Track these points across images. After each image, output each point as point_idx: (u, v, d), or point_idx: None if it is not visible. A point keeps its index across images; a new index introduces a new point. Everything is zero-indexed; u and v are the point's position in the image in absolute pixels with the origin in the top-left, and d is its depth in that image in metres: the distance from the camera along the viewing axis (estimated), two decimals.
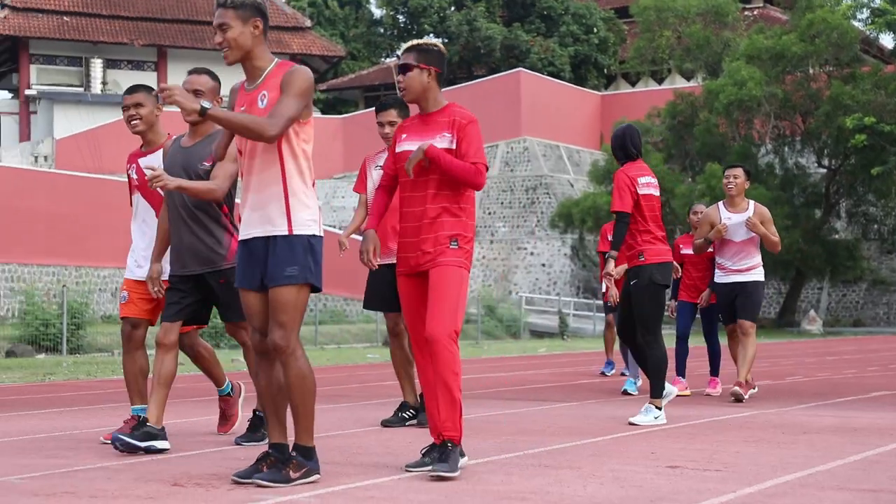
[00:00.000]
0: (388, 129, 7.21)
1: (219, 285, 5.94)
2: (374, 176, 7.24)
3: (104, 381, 12.76)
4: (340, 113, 50.94)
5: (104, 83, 45.67)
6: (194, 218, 5.91)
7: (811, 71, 36.69)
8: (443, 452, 5.01)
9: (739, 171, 9.17)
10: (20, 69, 45.84)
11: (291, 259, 4.72)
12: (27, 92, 45.08)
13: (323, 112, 51.09)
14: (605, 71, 50.87)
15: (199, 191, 5.71)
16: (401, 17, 50.06)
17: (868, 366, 15.46)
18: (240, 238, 4.89)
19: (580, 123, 45.73)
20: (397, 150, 5.34)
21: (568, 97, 45.77)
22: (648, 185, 7.30)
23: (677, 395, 8.89)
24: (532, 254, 40.79)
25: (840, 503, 4.42)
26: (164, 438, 5.81)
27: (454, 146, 5.21)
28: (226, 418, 6.71)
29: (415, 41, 5.40)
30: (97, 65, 45.45)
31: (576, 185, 42.32)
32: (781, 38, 35.80)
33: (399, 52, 5.28)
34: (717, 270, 9.23)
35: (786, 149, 37.74)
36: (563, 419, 7.70)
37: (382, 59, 57.70)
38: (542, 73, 46.37)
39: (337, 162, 45.57)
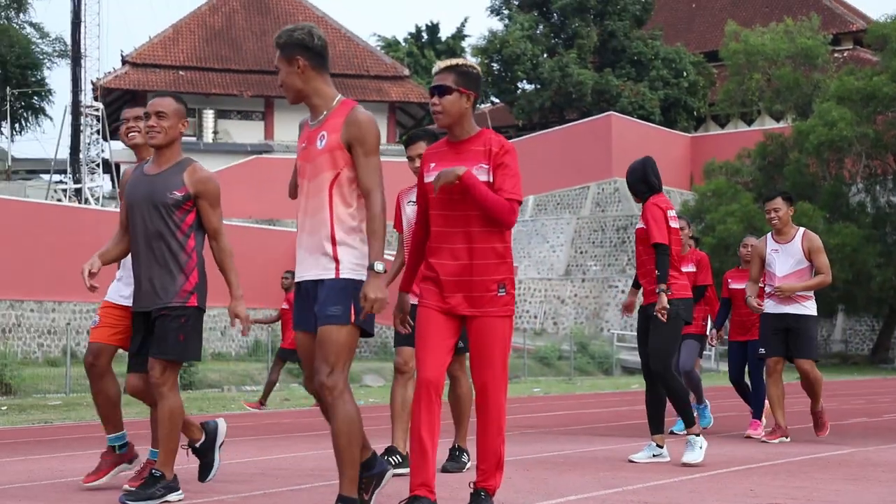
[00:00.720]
0: (418, 163, 6.41)
1: (159, 317, 5.35)
2: (408, 211, 6.68)
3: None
4: None
5: (215, 132, 46.80)
6: (151, 251, 5.39)
7: None
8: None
9: (779, 203, 8.57)
10: None
11: (336, 300, 4.49)
12: None
13: None
14: (695, 113, 50.38)
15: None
16: (495, 65, 50.29)
17: None
18: (296, 280, 4.72)
19: (670, 164, 45.24)
20: (426, 180, 4.82)
21: (658, 139, 45.38)
22: (674, 218, 7.10)
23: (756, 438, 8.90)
24: (623, 291, 40.36)
25: None
26: (177, 488, 5.36)
27: (490, 178, 4.71)
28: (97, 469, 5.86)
29: (453, 60, 4.92)
30: (209, 115, 46.61)
31: None
32: (872, 80, 35.09)
33: (434, 71, 4.90)
34: (766, 300, 8.59)
35: (877, 187, 36.85)
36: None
37: (477, 106, 57.95)
38: (633, 117, 46.11)
39: None
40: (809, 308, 8.48)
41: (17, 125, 51.92)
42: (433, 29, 63.24)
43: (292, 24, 4.86)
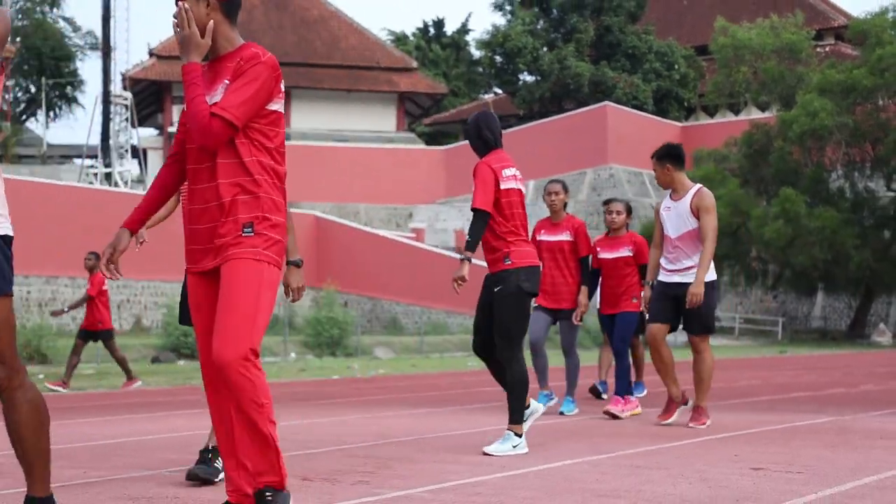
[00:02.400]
0: None
1: None
2: None
3: None
4: (442, 144, 51.22)
5: None
6: None
7: (880, 102, 35.72)
8: None
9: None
10: (164, 110, 47.18)
11: None
12: (170, 129, 46.36)
13: (427, 144, 51.42)
14: (686, 104, 50.22)
15: None
16: (497, 58, 50.11)
17: None
18: None
19: None
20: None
21: (650, 128, 45.25)
22: (513, 177, 5.78)
23: (633, 415, 7.98)
24: None
25: None
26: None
27: None
28: None
29: None
30: None
31: None
32: (852, 73, 34.93)
33: None
34: (660, 268, 7.27)
35: (856, 174, 36.75)
36: (649, 424, 7.58)
37: (480, 95, 57.85)
38: (627, 107, 46.00)
39: (440, 189, 45.77)
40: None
41: (51, 113, 51.95)
42: (439, 24, 62.99)
43: None
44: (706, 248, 6.89)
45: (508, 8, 51.98)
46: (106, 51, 41.87)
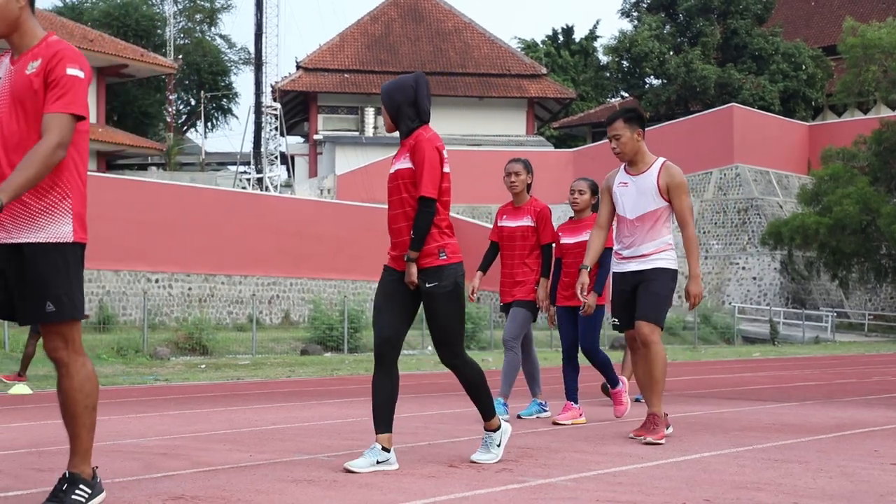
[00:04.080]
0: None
1: None
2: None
3: None
4: (571, 147, 50.82)
5: (375, 127, 47.44)
6: None
7: None
8: None
9: (619, 126, 5.93)
10: (310, 119, 48.30)
11: None
12: (315, 137, 47.46)
13: (556, 146, 51.11)
14: (813, 103, 48.49)
15: None
16: (624, 62, 49.43)
17: None
18: None
19: (788, 151, 43.76)
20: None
21: (777, 128, 43.89)
22: (445, 161, 4.73)
23: (573, 424, 6.70)
24: (744, 268, 39.27)
25: None
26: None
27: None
28: None
29: None
30: (370, 112, 47.28)
31: (784, 206, 40.52)
32: None
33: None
34: (613, 259, 6.00)
35: None
36: (785, 417, 7.34)
37: (608, 99, 57.16)
38: (754, 107, 44.71)
39: (568, 189, 45.39)
40: (663, 259, 5.74)
41: (209, 124, 53.83)
42: (568, 31, 62.53)
43: None
44: (689, 237, 5.68)
45: (635, 14, 51.22)
46: (258, 65, 43.13)
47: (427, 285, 4.63)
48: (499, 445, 4.87)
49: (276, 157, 44.17)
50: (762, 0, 48.79)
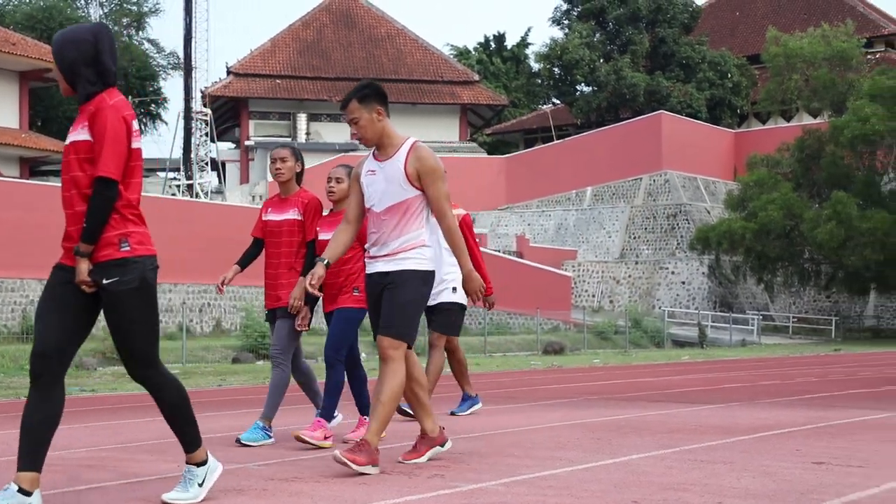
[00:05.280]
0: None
1: None
2: None
3: None
4: (504, 153, 51.18)
5: (308, 133, 47.22)
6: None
7: None
8: None
9: (354, 106, 4.85)
10: (241, 124, 47.89)
11: None
12: (246, 143, 47.04)
13: (488, 153, 51.42)
14: (738, 111, 49.60)
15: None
16: (556, 70, 49.97)
17: None
18: None
19: (715, 157, 44.65)
20: None
21: (704, 135, 44.77)
22: (138, 133, 3.87)
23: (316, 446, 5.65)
24: (673, 273, 39.94)
25: None
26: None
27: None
28: None
29: None
30: (302, 118, 47.07)
31: (712, 212, 41.33)
32: None
33: None
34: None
35: None
36: (711, 419, 7.48)
37: (539, 106, 57.72)
38: (681, 115, 45.53)
39: (501, 196, 45.75)
40: (412, 260, 4.84)
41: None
42: (500, 38, 63.03)
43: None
44: (449, 228, 4.91)
45: (566, 22, 51.82)
46: (187, 70, 42.62)
47: (105, 282, 3.72)
48: (201, 485, 3.97)
49: (207, 164, 43.68)
50: (689, 9, 49.78)
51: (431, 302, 6.81)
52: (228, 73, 47.68)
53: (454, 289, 7.04)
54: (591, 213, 44.03)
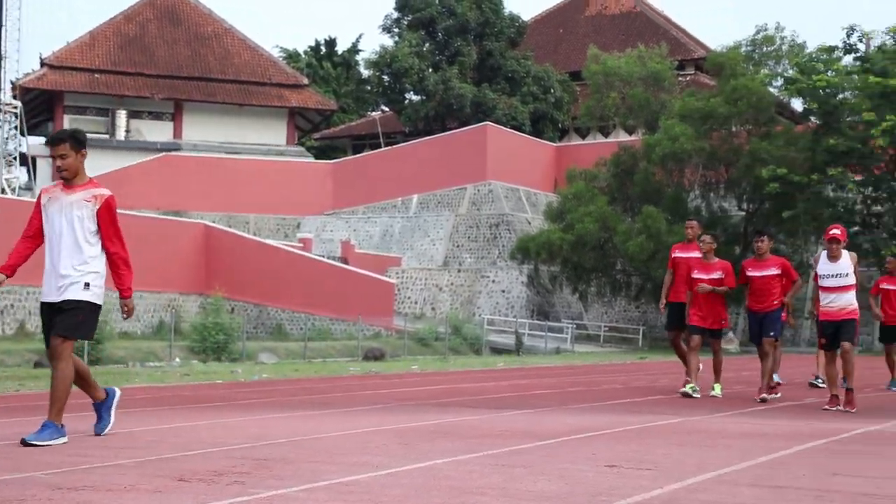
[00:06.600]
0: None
1: None
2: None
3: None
4: (331, 158, 50.96)
5: (127, 131, 45.53)
6: None
7: (734, 129, 37.16)
8: None
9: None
10: (55, 119, 45.65)
11: None
12: None
13: (316, 157, 51.08)
14: (560, 125, 51.26)
15: None
16: (385, 77, 50.20)
17: (790, 379, 15.48)
18: None
19: (537, 170, 45.96)
20: None
21: (527, 147, 46.00)
22: None
23: None
24: (494, 281, 40.80)
25: (750, 498, 4.44)
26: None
27: None
28: None
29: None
30: (122, 115, 45.37)
31: (533, 222, 42.48)
32: (709, 101, 36.24)
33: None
34: None
35: (711, 194, 38.12)
36: (519, 424, 7.68)
37: (369, 112, 57.83)
38: (506, 127, 46.62)
39: (327, 201, 45.53)
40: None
41: None
42: (331, 43, 62.78)
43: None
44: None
45: (396, 30, 52.16)
46: None
47: None
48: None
49: (16, 158, 41.44)
50: (515, 24, 51.09)
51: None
52: (42, 64, 45.39)
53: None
54: (416, 220, 44.43)
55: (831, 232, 9.11)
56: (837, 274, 9.04)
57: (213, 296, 27.48)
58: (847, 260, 9.08)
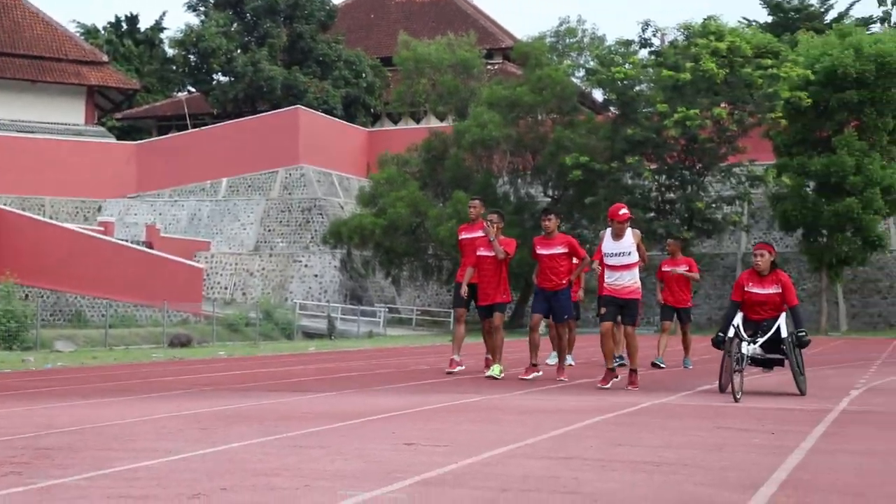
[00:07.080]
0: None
1: None
2: None
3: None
4: (135, 139, 49.01)
5: None
6: None
7: (539, 117, 38.21)
8: None
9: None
10: None
11: None
12: None
13: (118, 138, 49.00)
14: (372, 110, 51.29)
15: None
16: (191, 57, 48.70)
17: (587, 358, 16.09)
18: None
19: (350, 154, 45.86)
20: None
21: (339, 132, 45.81)
22: None
23: None
24: (306, 266, 40.48)
25: (539, 468, 4.59)
26: None
27: None
28: None
29: None
30: None
31: (345, 207, 42.39)
32: (516, 90, 37.12)
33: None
34: None
35: (519, 181, 39.10)
36: (320, 407, 7.64)
37: (175, 93, 55.96)
38: (318, 111, 46.23)
39: (131, 183, 43.86)
40: None
41: None
42: (132, 20, 60.22)
43: None
44: None
45: (203, 9, 50.67)
46: None
47: None
48: None
49: None
50: (326, 7, 50.70)
51: None
52: None
53: None
54: (226, 204, 43.46)
55: (620, 212, 9.41)
56: (621, 252, 9.35)
57: (4, 282, 25.91)
58: (630, 238, 9.39)
